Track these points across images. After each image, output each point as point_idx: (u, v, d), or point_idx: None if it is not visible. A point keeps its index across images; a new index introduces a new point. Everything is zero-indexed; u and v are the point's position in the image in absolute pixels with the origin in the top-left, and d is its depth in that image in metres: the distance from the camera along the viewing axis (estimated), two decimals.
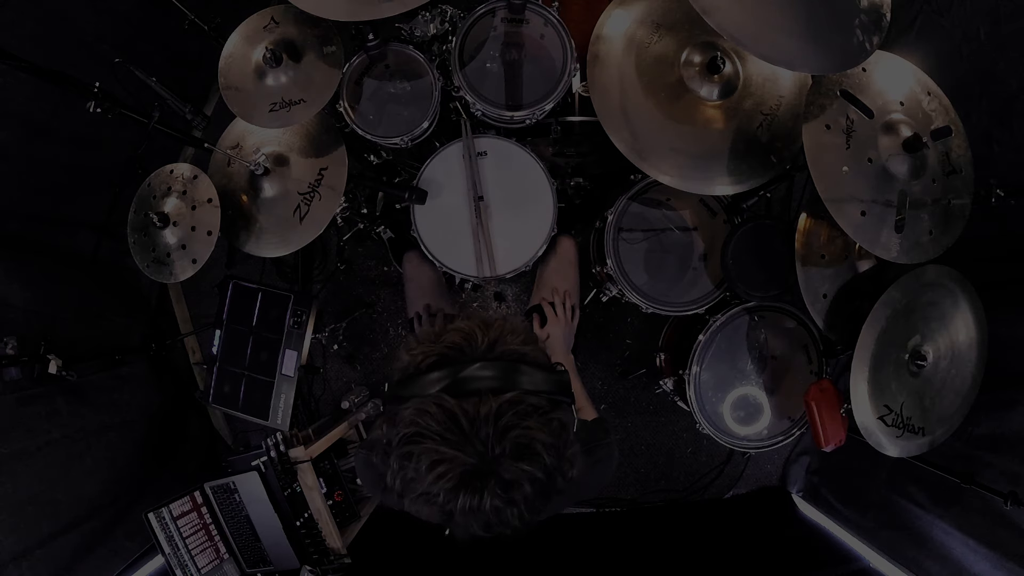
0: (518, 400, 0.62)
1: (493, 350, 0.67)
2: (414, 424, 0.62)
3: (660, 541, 2.32)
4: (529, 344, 0.70)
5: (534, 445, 0.61)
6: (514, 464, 0.61)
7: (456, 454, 0.60)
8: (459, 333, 0.68)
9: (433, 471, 0.60)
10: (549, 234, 1.53)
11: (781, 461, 2.50)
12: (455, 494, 0.60)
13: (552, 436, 0.63)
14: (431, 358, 0.67)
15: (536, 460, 0.62)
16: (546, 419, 0.64)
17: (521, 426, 0.61)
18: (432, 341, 0.69)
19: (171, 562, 1.70)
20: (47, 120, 1.65)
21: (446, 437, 0.60)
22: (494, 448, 0.60)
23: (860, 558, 1.95)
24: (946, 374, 1.43)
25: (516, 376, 0.65)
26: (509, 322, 0.72)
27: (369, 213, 2.04)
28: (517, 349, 0.68)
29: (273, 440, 1.71)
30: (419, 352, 0.68)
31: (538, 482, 0.62)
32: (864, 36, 1.15)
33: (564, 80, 1.46)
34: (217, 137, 1.62)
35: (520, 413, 0.62)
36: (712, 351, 1.69)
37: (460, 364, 0.65)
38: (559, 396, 0.68)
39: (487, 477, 0.60)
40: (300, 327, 1.77)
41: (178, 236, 1.54)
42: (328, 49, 1.43)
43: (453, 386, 0.63)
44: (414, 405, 0.63)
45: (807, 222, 1.48)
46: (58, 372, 1.55)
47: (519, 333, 0.71)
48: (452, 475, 0.60)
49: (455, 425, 0.61)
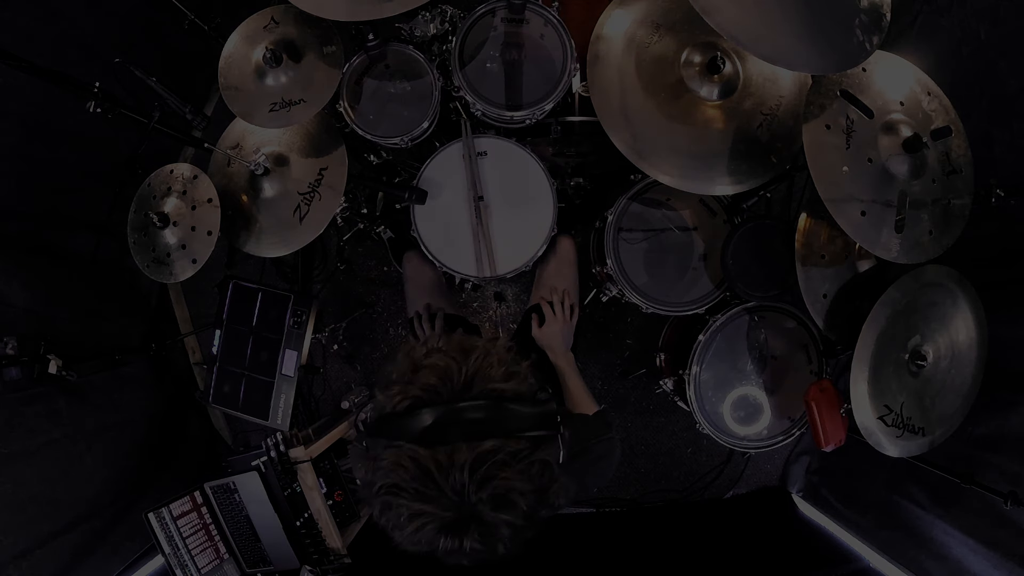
0: (495, 450, 0.61)
1: (470, 389, 0.64)
2: (391, 477, 0.62)
3: (660, 541, 2.32)
4: (511, 377, 0.67)
5: (511, 496, 0.61)
6: (492, 513, 0.61)
7: (432, 509, 0.60)
8: (435, 372, 0.65)
9: (412, 523, 0.61)
10: (549, 234, 1.53)
11: (781, 461, 2.50)
12: (436, 539, 0.61)
13: (532, 483, 0.62)
14: (405, 401, 0.65)
15: (514, 509, 0.61)
16: (526, 464, 0.62)
17: (499, 477, 0.60)
18: (407, 381, 0.66)
19: (171, 562, 1.70)
20: (47, 120, 1.65)
21: (421, 492, 0.60)
22: (471, 497, 0.60)
23: (860, 558, 1.95)
24: (946, 374, 1.43)
25: (494, 418, 0.63)
26: (490, 349, 0.69)
27: (369, 213, 2.04)
28: (497, 387, 0.65)
29: (273, 440, 1.71)
30: (395, 393, 0.66)
31: (517, 527, 0.62)
32: (864, 36, 1.15)
33: (564, 80, 1.46)
34: (217, 137, 1.62)
35: (498, 463, 0.61)
36: (712, 351, 1.69)
37: (435, 407, 0.63)
38: (542, 431, 0.66)
39: (466, 524, 0.61)
40: (300, 327, 1.77)
41: (178, 236, 1.54)
42: (328, 49, 1.43)
43: (427, 432, 0.61)
44: (390, 457, 0.62)
45: (807, 222, 1.48)
46: (58, 372, 1.55)
47: (501, 364, 0.67)
48: (431, 527, 0.61)
49: (429, 479, 0.60)
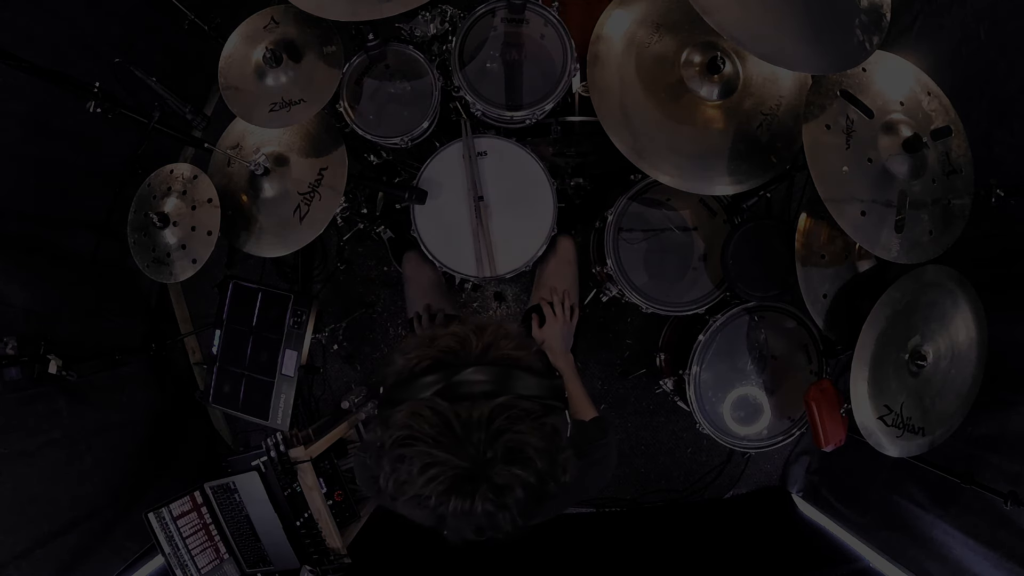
0: (510, 404, 0.63)
1: (487, 355, 0.68)
2: (407, 427, 0.62)
3: (660, 541, 2.32)
4: (523, 349, 0.71)
5: (526, 449, 0.62)
6: (506, 468, 0.61)
7: (448, 457, 0.60)
8: (453, 337, 0.69)
9: (425, 474, 0.60)
10: (549, 234, 1.53)
11: (781, 461, 2.50)
12: (446, 497, 0.60)
13: (544, 440, 0.64)
14: (425, 361, 0.67)
15: (528, 464, 0.62)
16: (538, 423, 0.64)
17: (513, 430, 0.62)
18: (427, 345, 0.69)
19: (171, 562, 1.70)
20: (47, 120, 1.65)
21: (438, 440, 0.61)
22: (486, 452, 0.60)
23: (860, 558, 1.95)
24: (946, 374, 1.43)
25: (509, 381, 0.65)
26: (503, 327, 0.72)
27: (369, 213, 2.04)
28: (511, 354, 0.68)
29: (273, 440, 1.71)
30: (414, 356, 0.68)
31: (530, 487, 0.62)
32: (864, 36, 1.15)
33: (564, 80, 1.46)
34: (217, 137, 1.62)
35: (512, 417, 0.62)
36: (712, 351, 1.69)
37: (454, 368, 0.65)
38: (552, 401, 0.68)
39: (479, 481, 0.61)
40: (300, 327, 1.77)
41: (178, 236, 1.54)
42: (328, 49, 1.43)
43: (446, 390, 0.63)
44: (407, 408, 0.63)
45: (807, 222, 1.48)
46: (58, 372, 1.55)
47: (513, 338, 0.71)
48: (444, 478, 0.60)
49: (448, 428, 0.61)
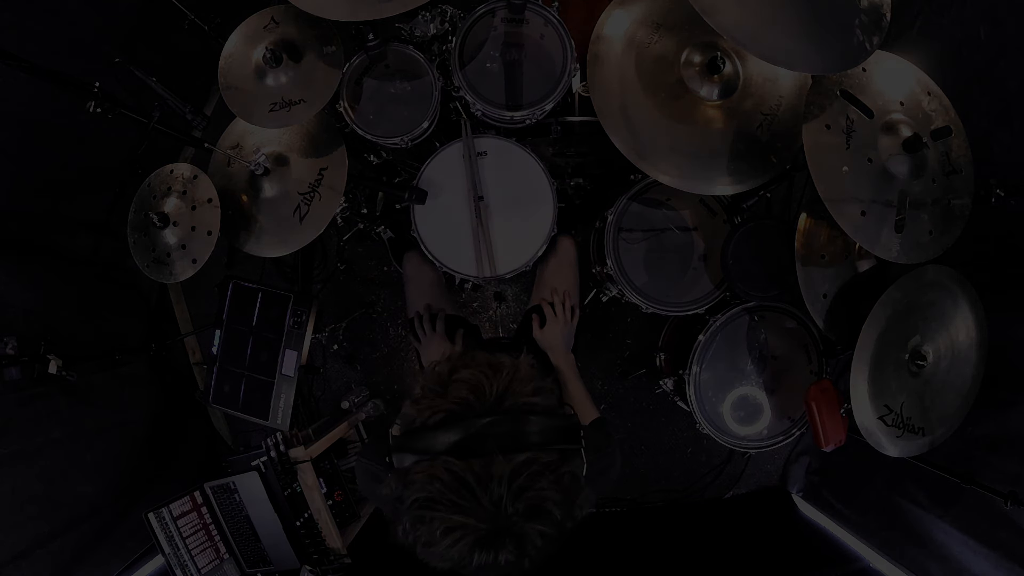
0: (531, 461, 0.62)
1: (502, 403, 0.66)
2: (425, 490, 0.62)
3: (660, 541, 2.32)
4: (538, 393, 0.69)
5: (546, 505, 0.62)
6: (527, 523, 0.62)
7: (468, 520, 0.60)
8: (466, 386, 0.67)
9: (447, 537, 0.61)
10: (549, 234, 1.53)
11: (781, 461, 2.50)
12: (470, 554, 0.61)
13: (564, 492, 0.64)
14: (439, 414, 0.66)
15: (548, 519, 0.63)
16: (558, 476, 0.64)
17: (535, 488, 0.62)
18: (438, 395, 0.67)
19: (171, 562, 1.70)
20: (47, 120, 1.65)
21: (457, 503, 0.60)
22: (507, 509, 0.61)
23: (860, 558, 1.95)
24: (946, 374, 1.43)
25: (526, 430, 0.64)
26: (518, 368, 0.70)
27: (369, 213, 2.04)
28: (527, 401, 0.67)
29: (273, 440, 1.71)
30: (426, 407, 0.67)
31: (549, 536, 0.63)
32: (864, 36, 1.15)
33: (564, 80, 1.46)
34: (217, 137, 1.62)
35: (533, 475, 0.62)
36: (712, 351, 1.69)
37: (469, 420, 0.64)
38: (570, 445, 0.67)
39: (501, 537, 0.61)
40: (300, 327, 1.77)
41: (178, 236, 1.54)
42: (328, 49, 1.43)
43: (462, 444, 0.63)
44: (424, 469, 0.63)
45: (807, 222, 1.48)
46: (58, 372, 1.55)
47: (527, 380, 0.69)
48: (466, 540, 0.60)
49: (467, 490, 0.61)
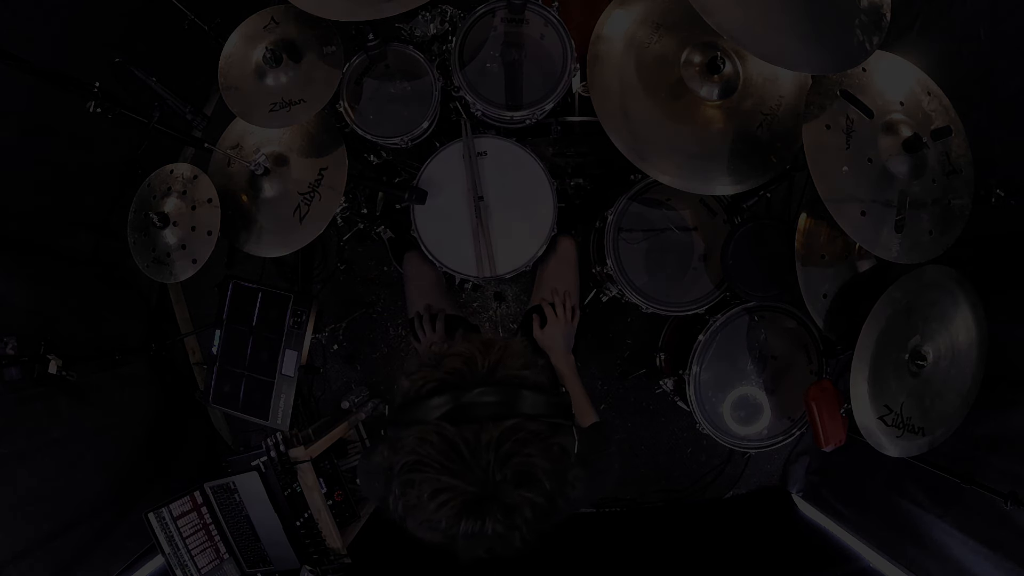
0: (519, 427, 0.63)
1: (494, 375, 0.67)
2: (415, 452, 0.62)
3: (660, 541, 2.32)
4: (529, 367, 0.70)
5: (535, 472, 0.62)
6: (515, 490, 0.62)
7: (457, 483, 0.61)
8: (459, 358, 0.68)
9: (435, 499, 0.61)
10: (549, 234, 1.53)
11: (781, 461, 2.50)
12: (457, 520, 0.61)
13: (552, 462, 0.64)
14: (431, 383, 0.67)
15: (537, 486, 0.62)
16: (546, 445, 0.64)
17: (522, 453, 0.62)
18: (433, 365, 0.69)
19: (171, 562, 1.70)
20: (47, 120, 1.65)
21: (447, 466, 0.61)
22: (495, 475, 0.61)
23: (860, 558, 1.95)
24: (946, 374, 1.43)
25: (516, 401, 0.65)
26: (509, 345, 0.72)
27: (369, 213, 2.04)
28: (517, 374, 0.68)
29: (273, 440, 1.71)
30: (419, 377, 0.68)
31: (539, 507, 0.63)
32: (864, 36, 1.15)
33: (564, 80, 1.46)
34: (217, 137, 1.62)
35: (520, 440, 0.62)
36: (712, 351, 1.69)
37: (460, 390, 0.65)
38: (559, 419, 0.68)
39: (489, 503, 0.61)
40: (300, 327, 1.77)
41: (178, 236, 1.54)
42: (328, 49, 1.43)
43: (453, 412, 0.64)
44: (415, 433, 0.63)
45: (807, 222, 1.48)
46: (58, 372, 1.55)
47: (519, 356, 0.71)
48: (454, 503, 0.61)
49: (456, 453, 0.61)
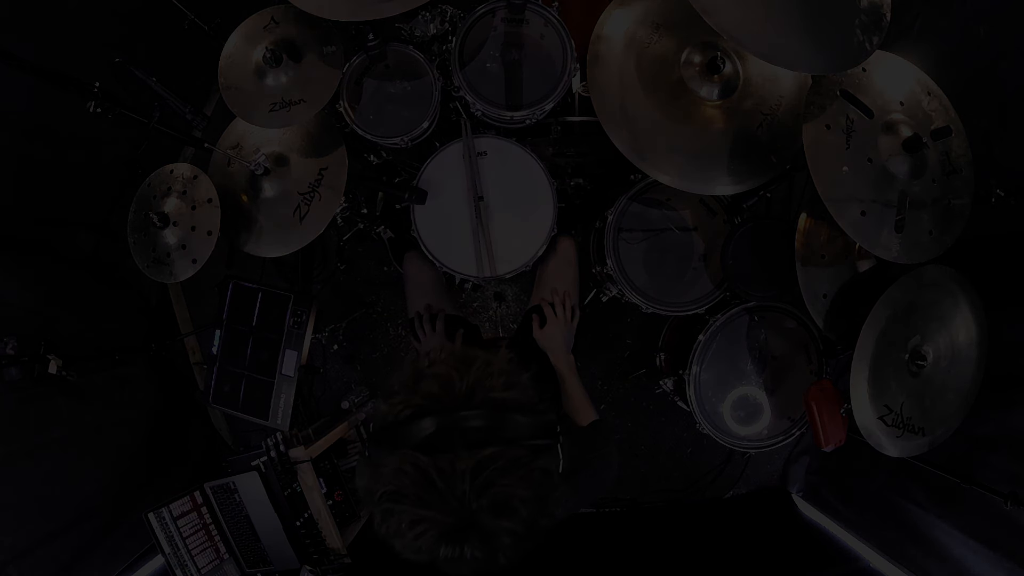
0: (496, 456, 0.62)
1: (471, 399, 0.65)
2: (392, 483, 0.62)
3: (660, 541, 2.32)
4: (512, 386, 0.68)
5: (512, 502, 0.62)
6: (493, 520, 0.61)
7: (433, 515, 0.60)
8: (436, 381, 0.67)
9: (413, 529, 0.61)
10: (549, 234, 1.53)
11: (781, 461, 2.50)
12: (436, 547, 0.61)
13: (532, 489, 0.63)
14: (408, 409, 0.66)
15: (515, 515, 0.62)
16: (527, 471, 0.63)
17: (500, 483, 0.61)
18: (409, 389, 0.67)
19: (171, 562, 1.70)
20: (47, 120, 1.65)
21: (422, 498, 0.61)
22: (471, 504, 0.60)
23: (860, 558, 1.95)
24: (946, 374, 1.43)
25: (495, 426, 0.64)
26: (491, 362, 0.69)
27: (369, 213, 2.04)
28: (497, 396, 0.66)
29: (273, 440, 1.71)
30: (396, 402, 0.67)
31: (518, 533, 0.62)
32: (864, 36, 1.15)
33: (564, 80, 1.46)
34: (217, 137, 1.62)
35: (499, 470, 0.61)
36: (712, 351, 1.69)
37: (437, 415, 0.64)
38: (542, 440, 0.67)
39: (466, 531, 0.61)
40: (300, 327, 1.77)
41: (178, 236, 1.54)
42: (328, 49, 1.43)
43: (430, 440, 0.63)
44: (392, 463, 0.63)
45: (807, 222, 1.48)
46: (58, 372, 1.55)
47: (500, 374, 0.68)
48: (431, 533, 0.61)
49: (430, 485, 0.61)
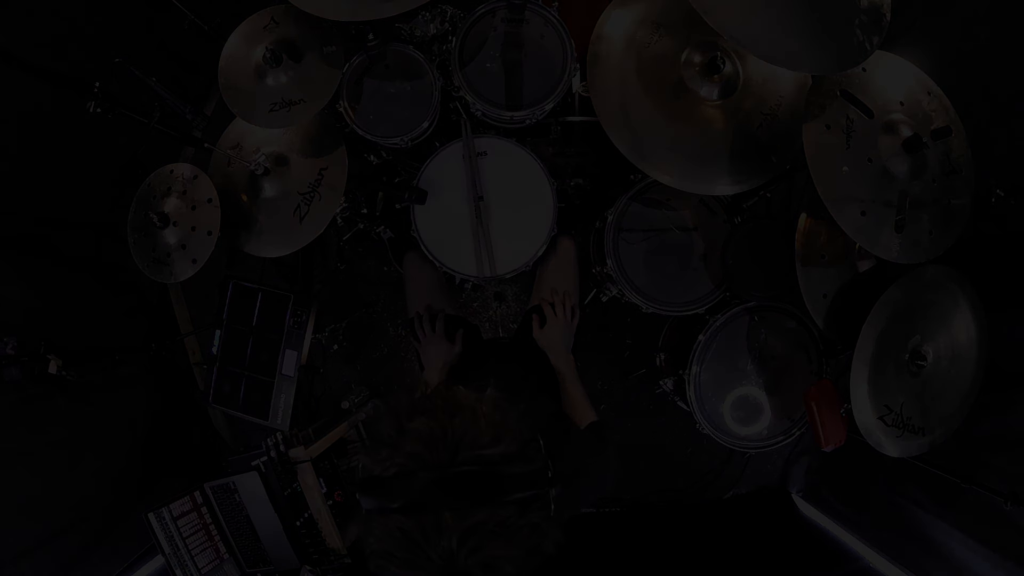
0: (485, 521, 0.61)
1: (456, 458, 0.64)
2: (381, 543, 0.63)
3: (660, 541, 2.32)
4: (500, 439, 0.66)
5: (499, 563, 0.62)
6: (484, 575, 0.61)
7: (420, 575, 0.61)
8: (420, 440, 0.65)
9: None
10: (549, 234, 1.53)
11: (781, 461, 2.50)
12: None
13: (520, 548, 0.63)
14: (392, 468, 0.65)
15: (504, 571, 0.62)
16: (514, 531, 0.63)
17: (486, 548, 0.61)
18: (393, 445, 0.66)
19: (171, 562, 1.70)
20: (47, 120, 1.65)
21: (409, 559, 0.61)
22: (459, 563, 0.60)
23: (860, 558, 1.95)
24: (946, 374, 1.43)
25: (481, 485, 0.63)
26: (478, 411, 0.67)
27: (369, 213, 2.04)
28: (484, 453, 0.64)
29: (273, 440, 1.71)
30: (381, 458, 0.66)
31: None
32: (864, 36, 1.15)
33: (564, 80, 1.46)
34: (217, 137, 1.62)
35: (488, 534, 0.61)
36: (712, 351, 1.69)
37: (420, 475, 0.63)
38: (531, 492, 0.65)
39: None
40: (300, 327, 1.77)
41: (178, 236, 1.54)
42: (328, 49, 1.44)
43: (413, 502, 0.62)
44: (378, 524, 0.64)
45: (807, 222, 1.48)
46: (58, 372, 1.55)
47: (489, 425, 0.66)
48: None
49: (416, 548, 0.61)
